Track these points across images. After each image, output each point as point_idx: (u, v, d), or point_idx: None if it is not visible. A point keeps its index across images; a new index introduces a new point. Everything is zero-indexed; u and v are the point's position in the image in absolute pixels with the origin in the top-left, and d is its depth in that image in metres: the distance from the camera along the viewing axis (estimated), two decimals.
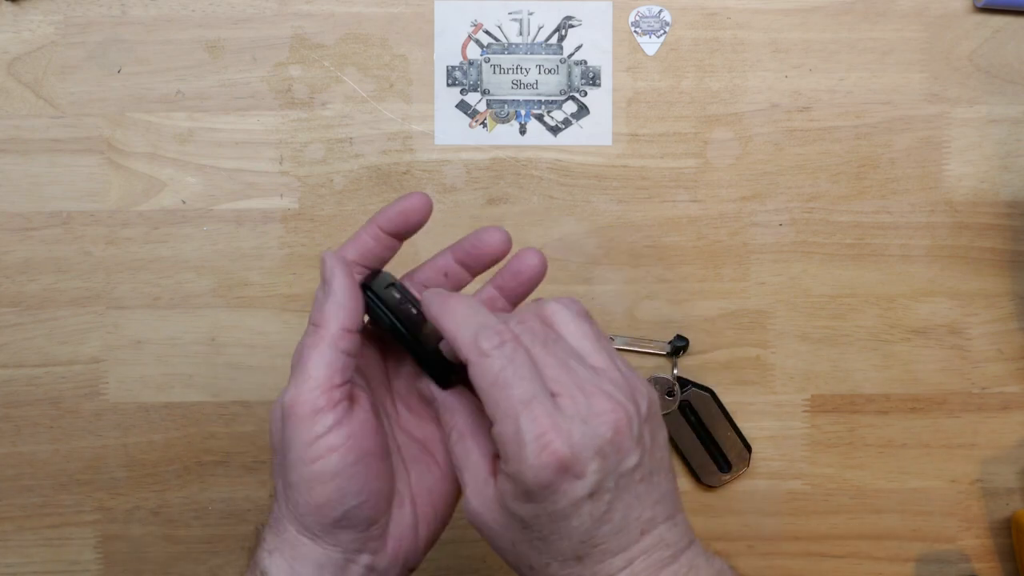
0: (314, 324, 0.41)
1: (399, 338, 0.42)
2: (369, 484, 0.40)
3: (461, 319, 0.39)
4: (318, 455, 0.39)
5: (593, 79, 0.63)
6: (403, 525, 0.43)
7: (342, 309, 0.41)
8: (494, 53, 0.63)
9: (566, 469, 0.36)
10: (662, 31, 0.63)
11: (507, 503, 0.37)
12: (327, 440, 0.39)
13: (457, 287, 0.46)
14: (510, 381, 0.36)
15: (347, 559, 0.41)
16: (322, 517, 0.40)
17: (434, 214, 0.63)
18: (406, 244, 0.63)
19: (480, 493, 0.39)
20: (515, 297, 0.45)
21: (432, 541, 0.44)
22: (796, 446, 0.64)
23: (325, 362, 0.40)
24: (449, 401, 0.42)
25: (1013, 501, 0.64)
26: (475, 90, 0.63)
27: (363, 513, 0.40)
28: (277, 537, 0.41)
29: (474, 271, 0.46)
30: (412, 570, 0.44)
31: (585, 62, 0.63)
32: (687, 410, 0.63)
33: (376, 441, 0.41)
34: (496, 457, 0.39)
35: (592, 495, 0.36)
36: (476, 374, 0.37)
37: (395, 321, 0.42)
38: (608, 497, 0.37)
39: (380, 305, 0.42)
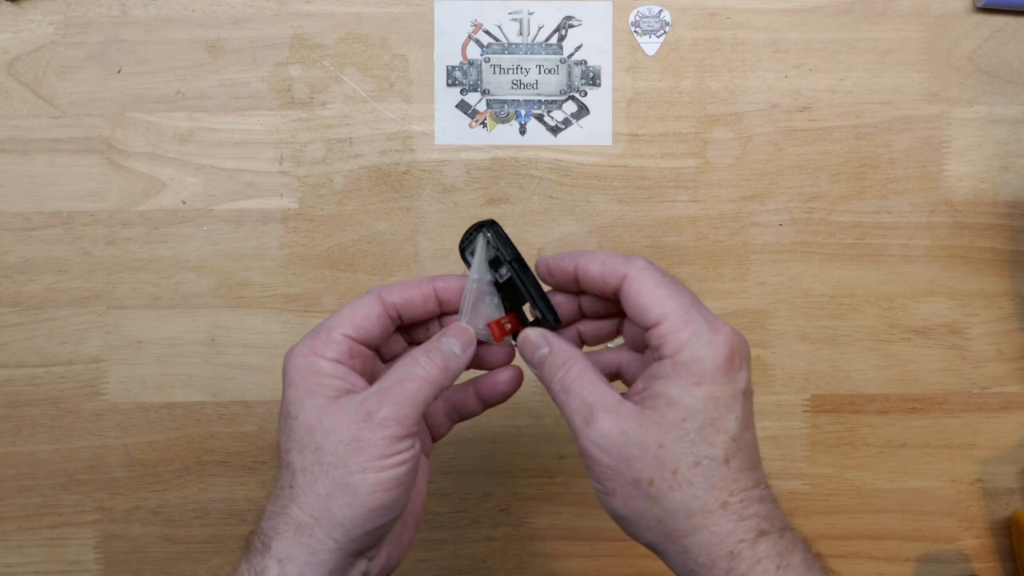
0: (438, 365, 0.43)
1: (519, 280, 0.45)
2: (408, 497, 0.42)
3: (603, 255, 0.43)
4: (393, 464, 0.40)
5: (593, 79, 0.63)
6: (396, 532, 0.44)
7: (462, 369, 0.44)
8: (494, 53, 0.63)
9: (734, 355, 0.40)
10: (662, 31, 0.63)
11: (671, 395, 0.40)
12: (408, 452, 0.41)
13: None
14: (672, 287, 0.41)
15: (350, 564, 0.42)
16: (368, 523, 0.40)
17: (434, 214, 0.63)
18: (405, 244, 0.63)
19: (615, 412, 0.40)
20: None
21: (407, 549, 0.46)
22: (796, 446, 0.64)
23: (427, 398, 0.42)
24: (563, 346, 0.44)
25: (1013, 501, 0.64)
26: (475, 90, 0.63)
27: (395, 523, 0.42)
28: (294, 543, 0.41)
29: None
30: None
31: (585, 62, 0.63)
32: None
33: (424, 461, 0.45)
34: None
35: (744, 393, 0.40)
36: (637, 281, 0.41)
37: (520, 261, 0.45)
38: (749, 406, 0.41)
39: (509, 248, 0.45)
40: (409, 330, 0.47)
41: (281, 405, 0.43)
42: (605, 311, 0.46)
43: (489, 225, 0.45)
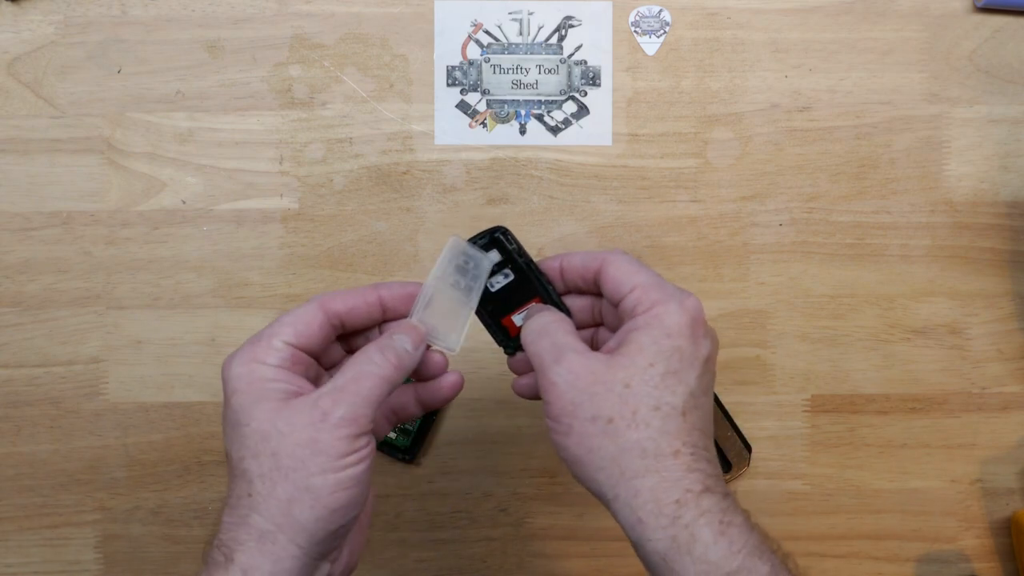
0: (392, 363, 0.44)
1: (536, 279, 0.48)
2: (367, 493, 0.43)
3: (581, 253, 0.47)
4: (352, 463, 0.41)
5: (593, 79, 0.63)
6: (354, 531, 0.45)
7: (415, 363, 0.45)
8: (494, 53, 0.63)
9: (699, 322, 0.43)
10: (662, 31, 0.63)
11: (642, 342, 0.42)
12: (365, 450, 0.41)
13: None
14: (646, 267, 0.45)
15: (314, 568, 0.42)
16: (331, 524, 0.41)
17: (434, 214, 0.63)
18: (405, 244, 0.63)
19: (585, 354, 0.43)
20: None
21: (364, 547, 0.47)
22: (796, 446, 0.64)
23: (380, 395, 0.43)
24: (550, 307, 0.47)
25: (1013, 501, 0.64)
26: (475, 90, 0.63)
27: (353, 522, 0.43)
28: (258, 553, 0.41)
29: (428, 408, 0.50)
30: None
31: (585, 62, 0.63)
32: None
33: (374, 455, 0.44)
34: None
35: (706, 361, 0.43)
36: (613, 264, 0.45)
37: (531, 263, 0.48)
38: (710, 379, 0.44)
39: (523, 252, 0.48)
40: (349, 338, 0.47)
41: (225, 414, 0.43)
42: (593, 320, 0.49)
43: (503, 231, 0.48)
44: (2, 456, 0.63)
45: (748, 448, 0.63)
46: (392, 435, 0.62)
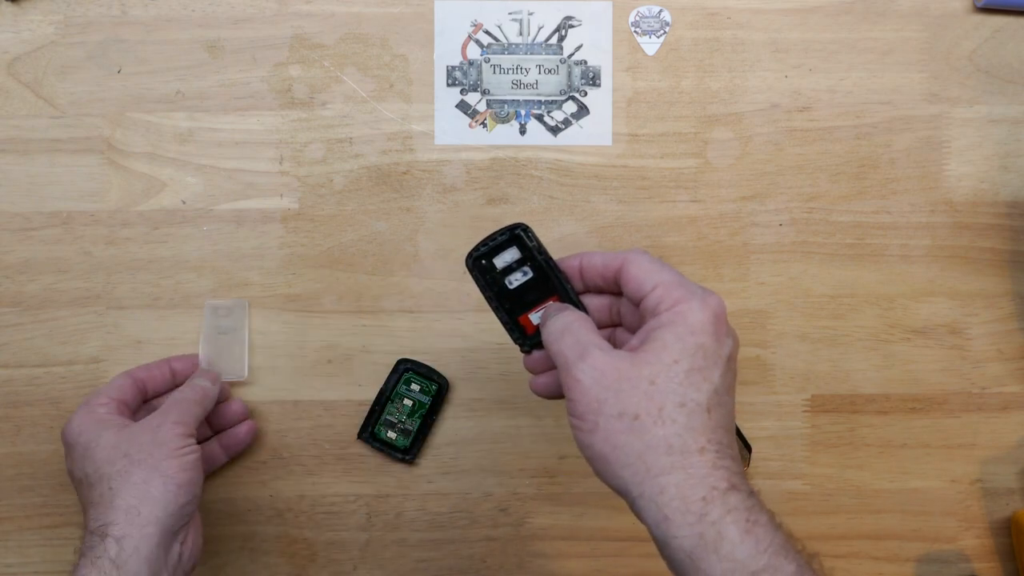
0: (199, 393, 0.58)
1: (555, 276, 0.48)
2: (201, 481, 0.54)
3: (600, 254, 0.47)
4: (188, 452, 0.53)
5: (593, 79, 0.63)
6: (195, 521, 0.54)
7: (215, 395, 0.60)
8: (494, 53, 0.63)
9: (722, 319, 0.43)
10: (662, 31, 0.63)
11: (666, 340, 0.42)
12: (193, 446, 0.54)
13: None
14: (667, 266, 0.45)
15: (170, 542, 0.51)
16: (180, 497, 0.51)
17: (434, 214, 0.63)
18: (405, 244, 0.63)
19: (609, 351, 0.43)
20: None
21: (203, 545, 0.55)
22: (796, 446, 0.64)
23: (199, 413, 0.57)
24: (569, 305, 0.48)
25: (1013, 501, 0.64)
26: (475, 90, 0.63)
27: (195, 503, 0.53)
28: (126, 524, 0.50)
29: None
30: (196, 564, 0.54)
31: (585, 62, 0.63)
32: None
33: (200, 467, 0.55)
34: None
35: (729, 360, 0.43)
36: (634, 262, 0.45)
37: (550, 260, 0.48)
38: (732, 377, 0.44)
39: (542, 250, 0.48)
40: (151, 400, 0.60)
41: (72, 456, 0.54)
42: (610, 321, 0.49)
43: (523, 228, 0.48)
44: (2, 456, 0.63)
45: (748, 448, 0.63)
46: (392, 435, 0.62)
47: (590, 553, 0.64)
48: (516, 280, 0.48)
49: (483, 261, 0.48)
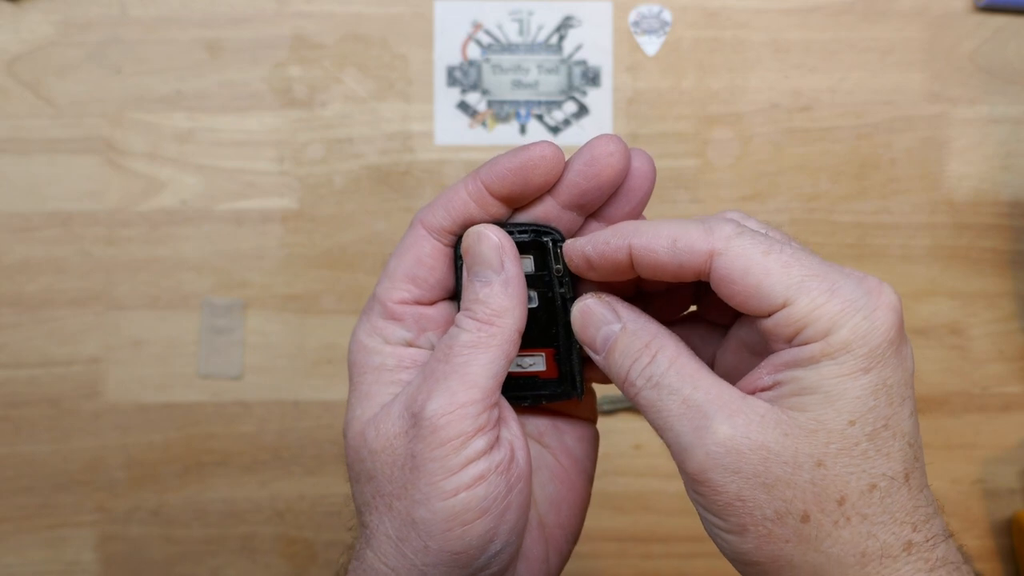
0: (482, 321, 0.31)
1: (564, 315, 0.34)
2: (519, 520, 0.31)
3: (669, 228, 0.31)
4: (468, 481, 0.30)
5: (593, 79, 0.63)
6: (532, 559, 0.33)
7: (521, 305, 0.31)
8: (494, 53, 0.63)
9: (902, 323, 0.30)
10: (662, 31, 0.63)
11: (829, 389, 0.28)
12: (477, 467, 0.30)
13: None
14: (790, 249, 0.30)
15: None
16: (457, 570, 0.30)
17: None
18: None
19: (742, 415, 0.29)
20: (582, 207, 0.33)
21: (562, 568, 0.35)
22: None
23: (493, 372, 0.31)
24: (643, 321, 0.32)
25: (1014, 501, 0.64)
26: (475, 90, 0.63)
27: (504, 558, 0.31)
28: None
29: (588, 211, 0.34)
30: None
31: (585, 62, 0.63)
32: None
33: (527, 459, 0.32)
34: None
35: (912, 377, 0.30)
36: (735, 258, 0.30)
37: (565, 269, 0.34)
38: (913, 399, 0.30)
39: (564, 280, 0.34)
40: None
41: None
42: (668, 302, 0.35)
43: (554, 238, 0.33)
44: (1, 456, 0.63)
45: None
46: None
47: (590, 553, 0.64)
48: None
49: None
